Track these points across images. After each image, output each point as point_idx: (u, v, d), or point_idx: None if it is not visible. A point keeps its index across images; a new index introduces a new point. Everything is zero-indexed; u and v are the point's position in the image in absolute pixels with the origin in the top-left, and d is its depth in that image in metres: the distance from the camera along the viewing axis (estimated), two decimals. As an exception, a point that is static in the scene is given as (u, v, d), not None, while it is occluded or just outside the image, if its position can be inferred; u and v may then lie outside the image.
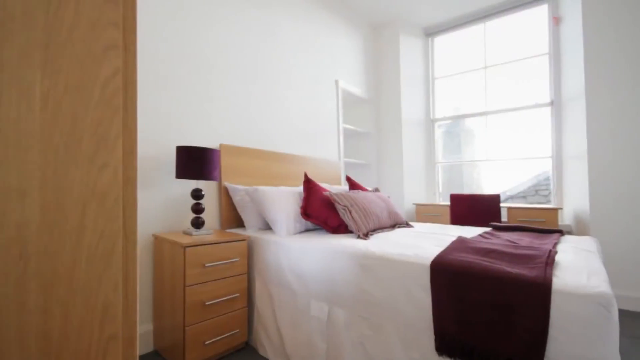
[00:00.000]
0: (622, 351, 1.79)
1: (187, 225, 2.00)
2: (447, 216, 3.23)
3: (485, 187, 3.75)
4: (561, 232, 1.75)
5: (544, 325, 0.87)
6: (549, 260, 1.03)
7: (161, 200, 1.89)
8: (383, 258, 1.29)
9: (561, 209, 2.88)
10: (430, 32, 3.86)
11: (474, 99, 3.69)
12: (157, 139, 1.87)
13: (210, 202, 2.14)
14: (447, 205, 3.25)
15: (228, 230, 2.11)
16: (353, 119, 3.90)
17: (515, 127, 3.43)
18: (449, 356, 1.02)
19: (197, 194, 1.83)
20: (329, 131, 3.22)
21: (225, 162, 2.19)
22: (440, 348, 1.04)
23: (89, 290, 0.51)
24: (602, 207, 2.49)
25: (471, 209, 2.86)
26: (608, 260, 2.46)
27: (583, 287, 0.87)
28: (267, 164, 2.50)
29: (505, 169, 3.58)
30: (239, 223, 2.24)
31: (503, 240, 1.47)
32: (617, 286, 2.42)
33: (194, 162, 1.74)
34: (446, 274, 1.07)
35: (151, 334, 1.82)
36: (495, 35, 3.53)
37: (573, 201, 2.85)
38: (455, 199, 2.95)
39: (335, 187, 2.65)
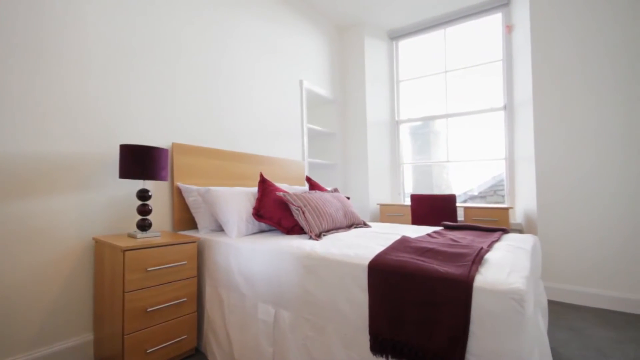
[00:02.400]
0: (562, 343, 1.90)
1: (134, 227, 1.91)
2: (410, 216, 3.30)
3: (455, 187, 3.87)
4: (504, 231, 1.83)
5: (465, 322, 0.90)
6: (477, 259, 1.07)
7: (104, 202, 1.79)
8: (325, 259, 1.29)
9: (512, 208, 3.03)
10: (395, 36, 3.94)
11: (437, 102, 3.80)
12: (100, 137, 1.77)
13: (162, 203, 2.05)
14: (409, 206, 3.32)
15: (180, 232, 2.04)
16: (319, 119, 3.90)
17: (476, 129, 3.57)
18: (382, 355, 1.03)
19: (143, 195, 1.75)
20: (293, 131, 3.20)
21: (180, 162, 2.12)
22: (373, 347, 1.05)
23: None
24: (548, 207, 2.63)
25: (430, 208, 2.93)
26: (552, 257, 2.61)
27: (500, 283, 0.90)
28: (227, 164, 2.44)
29: (471, 170, 3.71)
30: (194, 225, 2.17)
31: (446, 239, 1.51)
32: (560, 281, 2.57)
33: (139, 161, 1.66)
34: (381, 274, 1.08)
35: (92, 344, 1.72)
36: (454, 41, 3.65)
37: (523, 201, 3.00)
38: (415, 199, 3.02)
39: (298, 188, 2.64)
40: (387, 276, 1.07)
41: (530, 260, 1.21)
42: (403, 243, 1.32)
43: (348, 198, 2.45)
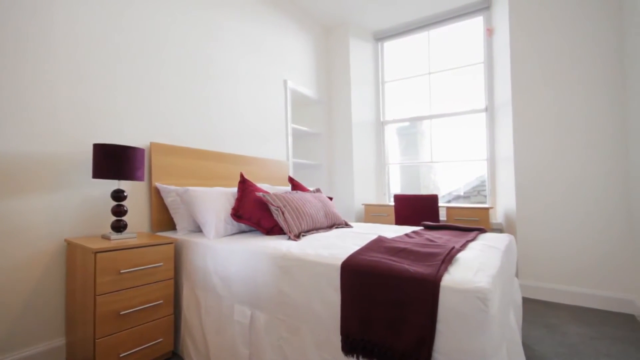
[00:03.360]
0: (537, 340, 1.94)
1: (109, 229, 1.87)
2: (394, 216, 3.32)
3: (442, 187, 3.92)
4: (481, 230, 1.85)
5: (432, 321, 0.91)
6: (447, 258, 1.08)
7: (78, 203, 1.74)
8: (300, 259, 1.28)
9: (492, 208, 3.08)
10: (380, 37, 3.96)
11: (422, 103, 3.84)
12: (73, 135, 1.73)
13: (139, 204, 2.02)
14: (393, 206, 3.34)
15: (159, 234, 2.00)
16: (304, 119, 3.90)
17: (460, 130, 3.62)
18: (353, 356, 1.03)
19: (118, 195, 1.71)
20: (277, 131, 3.19)
21: (158, 162, 2.08)
22: (344, 348, 1.05)
23: None
24: (526, 207, 2.69)
25: (413, 209, 2.96)
26: (531, 256, 2.67)
27: (466, 282, 0.92)
28: (209, 164, 2.42)
29: (457, 170, 3.75)
30: (173, 226, 2.14)
31: (422, 239, 1.53)
32: (538, 279, 2.63)
33: (113, 161, 1.63)
34: (353, 274, 1.09)
35: (64, 349, 1.67)
36: (438, 43, 3.70)
37: (504, 201, 3.06)
38: (398, 200, 3.04)
39: (281, 188, 2.63)
40: (358, 276, 1.07)
41: (501, 260, 1.23)
42: (378, 243, 1.33)
43: (331, 198, 2.45)
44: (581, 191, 2.49)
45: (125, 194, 1.73)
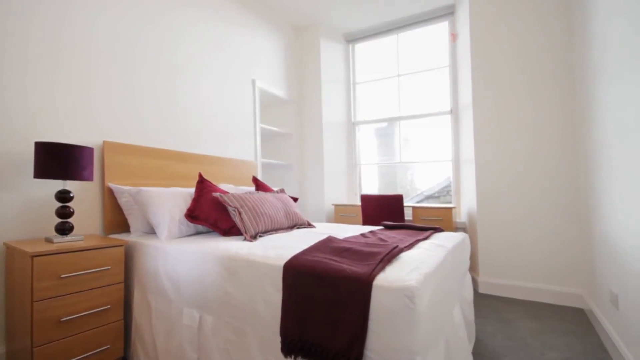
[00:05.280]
0: (490, 335, 2.01)
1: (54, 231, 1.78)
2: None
3: (419, 187, 4.00)
4: (436, 230, 1.90)
5: (364, 319, 0.92)
6: (387, 257, 1.10)
7: (19, 204, 1.65)
8: (246, 260, 1.27)
9: (455, 208, 3.17)
10: (351, 39, 4.00)
11: (394, 104, 3.90)
12: (14, 133, 1.63)
13: (91, 205, 1.93)
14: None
15: (111, 236, 1.93)
16: (274, 119, 3.87)
17: (430, 131, 3.70)
18: (291, 356, 1.03)
19: (63, 196, 1.63)
20: (245, 131, 3.15)
21: (112, 161, 2.00)
22: (283, 348, 1.04)
23: None
24: (486, 206, 2.78)
25: (379, 208, 3.00)
26: (488, 253, 2.76)
27: (397, 281, 0.93)
28: (169, 164, 2.35)
29: (431, 170, 3.82)
30: (128, 227, 2.06)
31: (375, 239, 1.55)
32: (496, 276, 2.73)
33: (56, 160, 1.55)
34: (293, 274, 1.08)
35: (4, 358, 1.58)
36: (407, 47, 3.77)
37: (467, 201, 3.15)
38: (365, 200, 3.08)
39: (245, 188, 2.60)
40: (298, 276, 1.07)
41: (443, 258, 1.26)
42: (325, 243, 1.33)
43: (295, 199, 2.44)
44: (535, 191, 2.60)
45: (71, 194, 1.66)
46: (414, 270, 1.02)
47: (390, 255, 1.12)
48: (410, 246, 1.38)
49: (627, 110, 1.47)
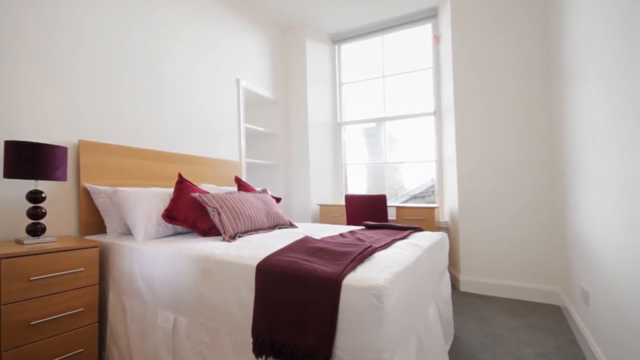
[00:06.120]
0: (468, 332, 2.04)
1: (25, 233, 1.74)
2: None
3: (407, 187, 4.03)
4: (416, 229, 1.92)
5: (333, 318, 0.92)
6: (359, 257, 1.11)
7: (-12, 205, 1.60)
8: (221, 260, 1.26)
9: (438, 207, 3.21)
10: (337, 39, 4.01)
11: (379, 105, 3.92)
12: (-18, 132, 1.59)
13: (65, 206, 1.89)
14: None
15: (87, 237, 1.89)
16: (260, 119, 3.85)
17: (415, 132, 3.74)
18: (262, 357, 1.03)
19: (34, 197, 1.59)
20: (229, 131, 3.12)
21: (88, 161, 1.96)
22: (254, 349, 1.04)
23: None
24: (467, 206, 2.83)
25: (363, 208, 3.02)
26: (471, 253, 2.81)
27: (366, 280, 0.94)
28: (149, 164, 2.31)
29: (418, 170, 3.85)
30: (104, 228, 2.02)
31: (352, 239, 1.55)
32: (477, 274, 2.78)
33: (27, 159, 1.51)
34: (265, 275, 1.08)
35: (-29, 364, 1.53)
36: (392, 48, 3.81)
37: (450, 201, 3.20)
38: (349, 200, 3.09)
39: (227, 188, 2.58)
40: (270, 277, 1.07)
41: (417, 257, 1.28)
42: (301, 243, 1.33)
43: (278, 200, 2.44)
44: (514, 192, 2.66)
45: (43, 195, 1.61)
46: (384, 269, 1.03)
47: (363, 255, 1.13)
48: (385, 246, 1.39)
49: (597, 115, 1.52)
